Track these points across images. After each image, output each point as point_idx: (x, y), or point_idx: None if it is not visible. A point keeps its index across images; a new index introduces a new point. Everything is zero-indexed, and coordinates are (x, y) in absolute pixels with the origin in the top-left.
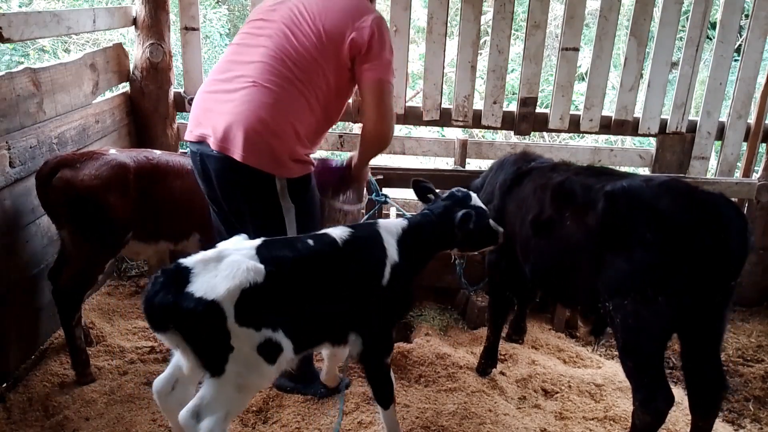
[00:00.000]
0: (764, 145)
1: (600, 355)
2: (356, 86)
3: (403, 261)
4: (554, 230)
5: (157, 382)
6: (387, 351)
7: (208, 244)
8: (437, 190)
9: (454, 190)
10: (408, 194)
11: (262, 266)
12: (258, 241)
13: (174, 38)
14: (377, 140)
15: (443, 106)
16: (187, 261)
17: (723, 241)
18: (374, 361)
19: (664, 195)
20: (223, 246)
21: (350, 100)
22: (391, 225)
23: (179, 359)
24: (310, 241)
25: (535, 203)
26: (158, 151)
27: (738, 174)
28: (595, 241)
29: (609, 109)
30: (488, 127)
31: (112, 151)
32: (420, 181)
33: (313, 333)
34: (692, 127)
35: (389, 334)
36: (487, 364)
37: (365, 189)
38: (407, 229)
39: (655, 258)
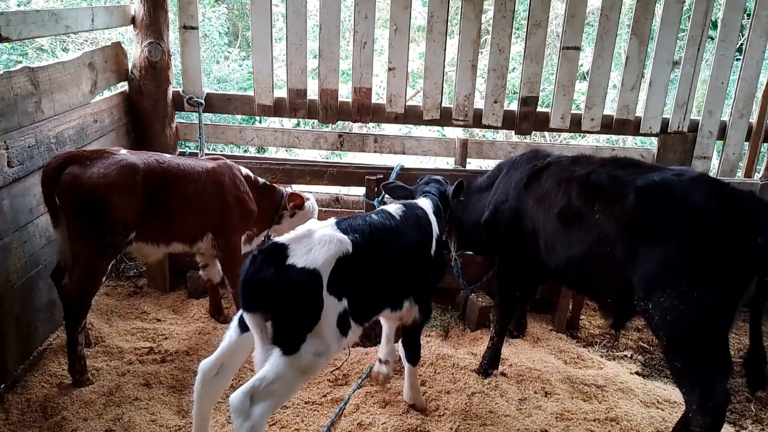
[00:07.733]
0: (766, 144)
1: (601, 356)
2: None
3: (440, 233)
4: (583, 222)
5: (205, 363)
6: (429, 316)
7: (221, 242)
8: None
9: (426, 177)
10: None
11: (348, 238)
12: (332, 220)
13: (173, 37)
14: None
15: (443, 105)
16: (281, 239)
17: (753, 235)
18: (418, 325)
19: (697, 190)
20: (307, 225)
21: (350, 99)
22: (426, 202)
23: (230, 344)
24: (375, 216)
25: (560, 197)
26: (168, 155)
27: (740, 174)
28: (628, 235)
29: (610, 109)
30: (489, 127)
31: (123, 151)
32: (387, 184)
33: (378, 301)
34: (694, 127)
35: (430, 300)
36: (489, 365)
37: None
38: (435, 205)
39: (688, 251)
